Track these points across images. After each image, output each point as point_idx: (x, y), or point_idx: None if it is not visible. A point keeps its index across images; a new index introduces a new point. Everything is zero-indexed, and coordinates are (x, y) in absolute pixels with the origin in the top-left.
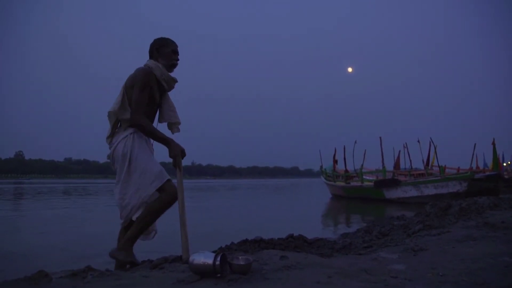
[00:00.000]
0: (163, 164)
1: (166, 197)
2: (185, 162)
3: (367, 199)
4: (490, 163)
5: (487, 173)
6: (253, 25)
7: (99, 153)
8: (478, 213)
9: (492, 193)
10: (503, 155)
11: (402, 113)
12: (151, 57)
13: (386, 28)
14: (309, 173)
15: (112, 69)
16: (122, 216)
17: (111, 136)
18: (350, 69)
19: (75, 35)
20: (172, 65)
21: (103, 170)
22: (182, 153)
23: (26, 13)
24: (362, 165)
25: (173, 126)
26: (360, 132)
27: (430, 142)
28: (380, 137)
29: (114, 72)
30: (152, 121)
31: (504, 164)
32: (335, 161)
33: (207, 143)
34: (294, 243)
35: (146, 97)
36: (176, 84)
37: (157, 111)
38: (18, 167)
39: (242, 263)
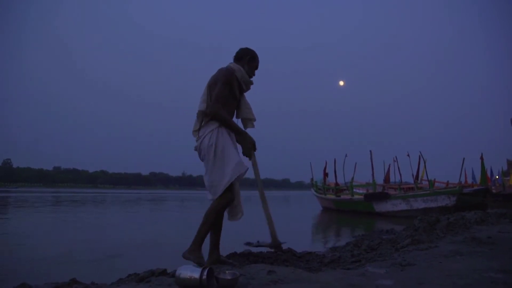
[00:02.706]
0: None
1: (226, 198)
2: (176, 173)
3: (357, 212)
4: (478, 178)
5: (475, 187)
6: (251, 38)
7: (89, 163)
8: (465, 228)
9: (480, 208)
10: (491, 169)
11: (393, 127)
12: (238, 59)
13: (380, 42)
14: (300, 186)
15: (105, 77)
16: (213, 197)
17: (198, 130)
18: (341, 83)
19: (68, 42)
20: (249, 77)
21: (93, 180)
22: (253, 146)
23: (20, 17)
24: (352, 178)
25: (248, 121)
26: (351, 146)
27: (419, 156)
28: (371, 151)
29: (108, 81)
30: (232, 116)
31: (497, 177)
32: (326, 174)
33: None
34: (283, 256)
35: (227, 92)
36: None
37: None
38: (6, 176)
39: (228, 277)
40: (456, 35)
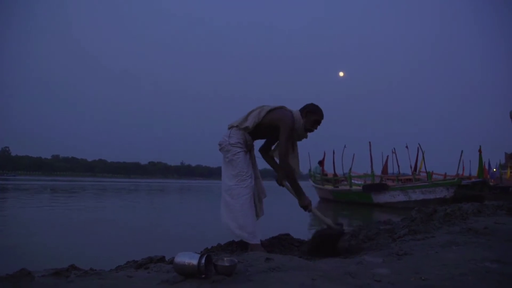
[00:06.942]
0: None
1: None
2: (175, 162)
3: (355, 203)
4: (476, 170)
5: (473, 179)
6: (250, 13)
7: (87, 151)
8: (462, 219)
9: (478, 200)
10: (489, 162)
11: (391, 118)
12: (301, 110)
13: (378, 31)
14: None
15: (106, 63)
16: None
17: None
18: (341, 74)
19: (71, 28)
20: (307, 130)
21: (91, 168)
22: (310, 204)
23: (30, 6)
24: (350, 169)
25: None
26: (349, 136)
27: (418, 148)
28: (370, 142)
29: (108, 68)
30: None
31: (494, 170)
32: (323, 164)
33: (196, 143)
34: (281, 244)
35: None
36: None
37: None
38: (4, 163)
39: (226, 264)
40: (457, 26)
